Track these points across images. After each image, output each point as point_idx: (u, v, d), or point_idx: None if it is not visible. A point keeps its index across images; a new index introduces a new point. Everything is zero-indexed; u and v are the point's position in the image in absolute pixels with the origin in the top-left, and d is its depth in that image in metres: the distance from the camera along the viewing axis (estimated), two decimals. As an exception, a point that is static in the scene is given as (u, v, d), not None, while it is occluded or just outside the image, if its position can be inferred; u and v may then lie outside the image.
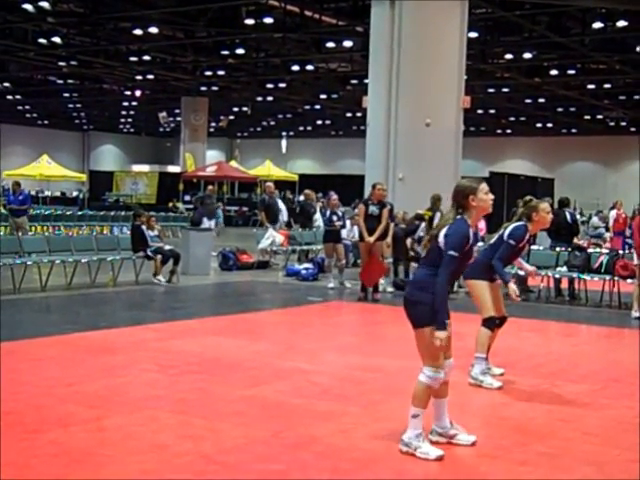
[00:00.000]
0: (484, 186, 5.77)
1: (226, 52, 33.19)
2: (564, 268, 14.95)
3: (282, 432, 6.14)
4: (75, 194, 51.44)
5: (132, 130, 69.78)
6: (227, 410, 6.67)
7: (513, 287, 7.81)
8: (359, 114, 42.25)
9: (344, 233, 17.34)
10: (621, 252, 15.15)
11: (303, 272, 17.43)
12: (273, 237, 19.22)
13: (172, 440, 5.84)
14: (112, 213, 32.06)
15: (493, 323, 8.03)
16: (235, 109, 51.66)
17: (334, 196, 17.07)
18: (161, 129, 58.75)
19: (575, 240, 15.81)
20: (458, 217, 5.68)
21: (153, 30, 28.76)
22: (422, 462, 5.55)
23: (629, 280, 13.86)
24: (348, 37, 29.06)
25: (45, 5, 25.47)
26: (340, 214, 16.51)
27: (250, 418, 6.49)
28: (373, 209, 14.41)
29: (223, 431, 6.11)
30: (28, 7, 25.73)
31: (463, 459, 5.64)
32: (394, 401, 7.28)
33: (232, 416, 6.51)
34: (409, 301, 5.72)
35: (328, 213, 16.60)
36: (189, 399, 6.99)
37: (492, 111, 48.02)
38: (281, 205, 20.76)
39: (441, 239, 5.60)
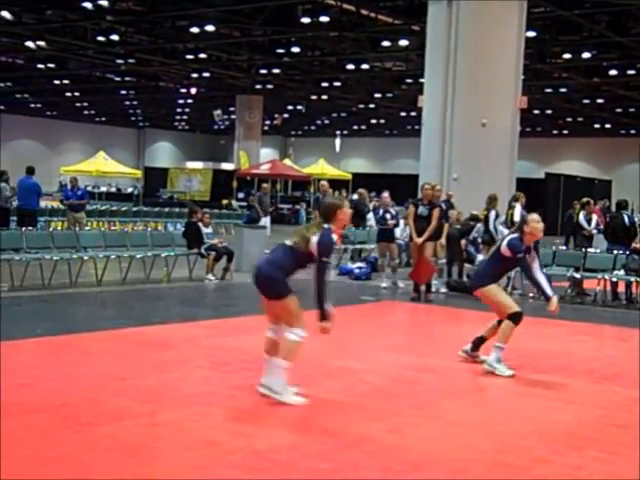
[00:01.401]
0: (347, 203, 7.28)
1: (281, 50, 33.28)
2: (621, 271, 14.72)
3: (333, 431, 6.13)
4: (130, 190, 51.96)
5: (187, 127, 70.35)
6: (279, 407, 6.68)
7: (554, 302, 8.27)
8: (414, 113, 42.18)
9: (398, 232, 17.27)
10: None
11: (356, 271, 17.40)
12: (326, 236, 19.18)
13: (224, 436, 5.86)
14: (166, 209, 32.36)
15: (519, 317, 8.41)
16: (290, 107, 51.79)
17: (386, 194, 16.98)
18: (215, 127, 59.11)
19: (633, 243, 15.56)
20: (325, 226, 6.99)
21: (210, 28, 28.98)
22: (474, 465, 5.50)
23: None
24: (404, 36, 28.96)
25: (104, 3, 25.83)
26: (393, 213, 16.43)
27: (301, 416, 6.49)
28: (423, 210, 14.35)
29: (275, 428, 6.13)
30: (87, 5, 26.11)
31: (517, 463, 5.57)
32: (447, 402, 7.24)
33: (284, 413, 6.52)
34: (267, 276, 6.96)
35: (381, 212, 16.52)
36: (241, 396, 7.01)
37: (549, 111, 47.49)
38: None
39: (313, 245, 6.91)
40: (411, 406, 6.98)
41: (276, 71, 38.44)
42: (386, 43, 30.48)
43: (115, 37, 30.39)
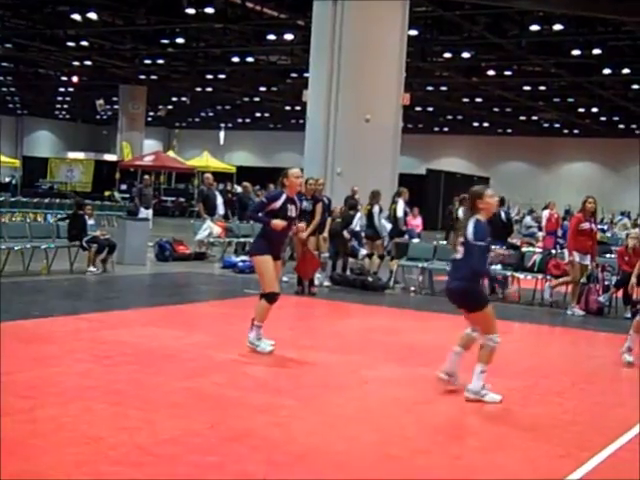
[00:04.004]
0: (489, 191, 7.39)
1: (166, 41, 32.93)
2: (499, 266, 15.13)
3: (218, 424, 6.12)
4: (8, 180, 50.37)
5: (68, 116, 68.72)
6: (163, 401, 6.63)
7: None
8: (298, 108, 42.29)
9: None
10: (553, 251, 15.38)
11: (240, 264, 17.37)
12: (210, 228, 19.13)
13: (107, 431, 5.77)
14: (46, 200, 31.58)
15: (273, 297, 8.79)
16: (174, 99, 51.29)
17: (272, 187, 17.03)
18: (98, 116, 57.96)
19: (509, 239, 16.03)
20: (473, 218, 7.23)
21: (92, 16, 28.37)
22: (357, 456, 5.58)
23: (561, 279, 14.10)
24: (289, 30, 29.05)
25: (-21, -14, 25.02)
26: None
27: (186, 410, 6.46)
28: (306, 204, 14.46)
29: (159, 422, 6.07)
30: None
31: (399, 454, 5.68)
32: (330, 395, 7.32)
33: (168, 407, 6.47)
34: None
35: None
36: (124, 390, 6.92)
37: (430, 109, 48.43)
38: (219, 197, 20.64)
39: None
40: (295, 399, 7.03)
41: (160, 62, 38.01)
42: (271, 37, 30.49)
43: (-9, 21, 29.49)
